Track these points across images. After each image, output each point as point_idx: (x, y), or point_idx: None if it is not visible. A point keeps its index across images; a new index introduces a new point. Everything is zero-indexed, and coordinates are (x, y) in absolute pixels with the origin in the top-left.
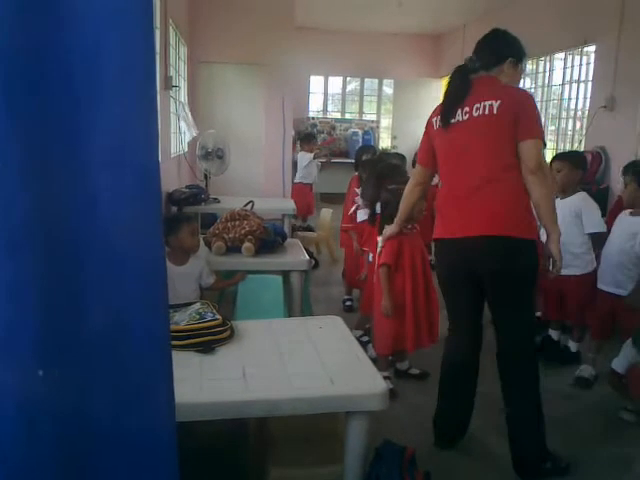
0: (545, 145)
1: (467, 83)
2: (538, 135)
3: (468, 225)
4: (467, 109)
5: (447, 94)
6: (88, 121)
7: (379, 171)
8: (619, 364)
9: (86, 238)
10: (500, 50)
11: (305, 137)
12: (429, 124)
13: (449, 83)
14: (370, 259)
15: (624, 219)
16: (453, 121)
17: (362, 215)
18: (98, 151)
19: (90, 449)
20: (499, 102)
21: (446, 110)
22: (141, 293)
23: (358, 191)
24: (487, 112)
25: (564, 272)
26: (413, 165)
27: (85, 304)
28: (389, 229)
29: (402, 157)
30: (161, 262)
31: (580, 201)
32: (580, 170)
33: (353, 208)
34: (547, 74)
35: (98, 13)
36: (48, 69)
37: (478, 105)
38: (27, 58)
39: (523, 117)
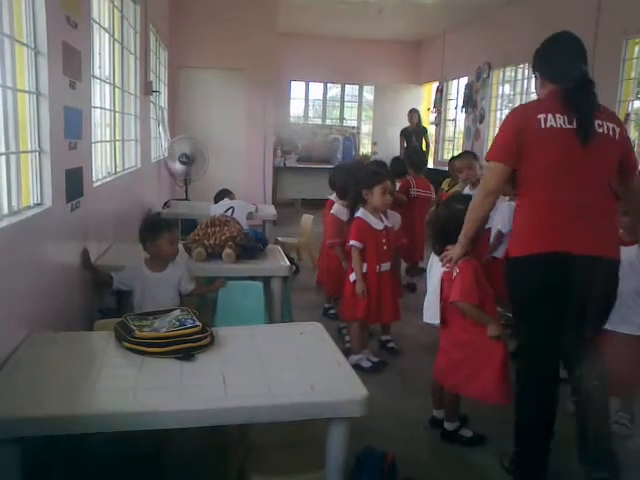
0: None
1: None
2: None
3: (603, 244)
4: (599, 122)
5: (584, 99)
6: None
7: (358, 176)
8: None
9: None
10: None
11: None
12: (532, 119)
13: (582, 89)
14: (352, 278)
15: None
16: (599, 130)
17: (341, 214)
18: None
19: None
20: (619, 129)
21: (587, 116)
22: None
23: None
24: (611, 134)
25: None
26: (394, 172)
27: None
28: (454, 252)
29: (383, 164)
30: None
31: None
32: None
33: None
34: (526, 81)
35: None
36: None
37: (602, 123)
38: None
39: (630, 153)
